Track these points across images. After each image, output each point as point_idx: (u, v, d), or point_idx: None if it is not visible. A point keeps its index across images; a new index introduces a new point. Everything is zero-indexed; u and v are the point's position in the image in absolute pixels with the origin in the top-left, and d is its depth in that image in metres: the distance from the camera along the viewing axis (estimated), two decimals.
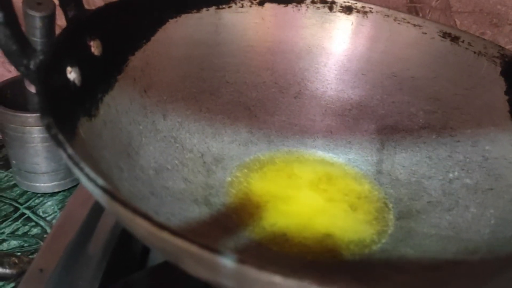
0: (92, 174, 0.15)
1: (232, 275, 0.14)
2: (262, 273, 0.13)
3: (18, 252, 0.36)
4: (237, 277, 0.14)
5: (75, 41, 0.23)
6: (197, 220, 0.24)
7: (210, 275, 0.15)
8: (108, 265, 0.25)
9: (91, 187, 0.16)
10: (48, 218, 0.39)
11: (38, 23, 0.31)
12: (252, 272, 0.13)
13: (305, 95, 0.34)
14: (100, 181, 0.15)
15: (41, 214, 0.39)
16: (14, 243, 0.37)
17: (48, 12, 0.31)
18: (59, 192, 0.42)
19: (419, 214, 0.27)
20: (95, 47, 0.25)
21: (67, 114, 0.20)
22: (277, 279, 0.13)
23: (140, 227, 0.15)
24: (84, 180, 0.16)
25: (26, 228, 0.38)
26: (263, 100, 0.33)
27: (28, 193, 0.41)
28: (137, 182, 0.23)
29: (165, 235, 0.14)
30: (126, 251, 0.27)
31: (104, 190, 0.15)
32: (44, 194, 0.41)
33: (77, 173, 0.16)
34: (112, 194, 0.15)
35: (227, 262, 0.13)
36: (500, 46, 0.30)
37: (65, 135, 0.17)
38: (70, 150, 0.16)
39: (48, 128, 0.17)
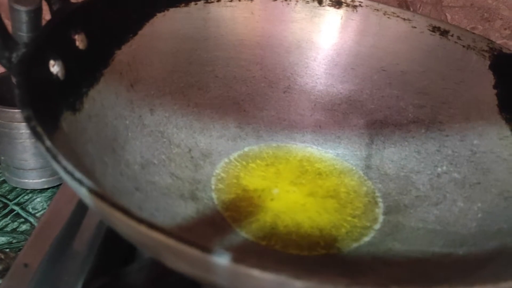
0: (70, 167, 0.15)
1: (210, 269, 0.14)
2: (239, 266, 0.13)
3: (6, 248, 0.35)
4: (217, 271, 0.14)
5: (59, 34, 0.23)
6: (183, 216, 0.24)
7: (191, 269, 0.15)
8: (94, 261, 0.25)
9: (70, 180, 0.15)
10: (37, 215, 0.39)
11: (24, 17, 0.31)
12: (230, 265, 0.13)
13: (294, 89, 0.34)
14: (78, 174, 0.15)
15: (30, 210, 0.39)
16: (2, 239, 0.36)
17: (34, 6, 0.31)
18: (49, 188, 0.41)
19: (407, 208, 0.27)
20: (80, 41, 0.25)
21: (49, 107, 0.20)
22: (255, 272, 0.13)
23: (118, 220, 0.15)
24: (62, 174, 0.16)
25: (15, 224, 0.38)
26: (252, 95, 0.33)
27: (17, 189, 0.41)
28: (121, 177, 0.23)
29: (143, 229, 0.14)
30: (113, 246, 0.27)
31: (82, 183, 0.15)
32: (33, 191, 0.41)
33: (56, 166, 0.16)
34: (90, 187, 0.15)
35: (204, 255, 0.13)
36: (489, 40, 0.30)
37: (45, 128, 0.17)
38: (48, 143, 0.16)
39: (27, 120, 0.17)
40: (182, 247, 0.13)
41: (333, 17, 0.33)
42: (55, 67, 0.22)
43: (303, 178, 0.30)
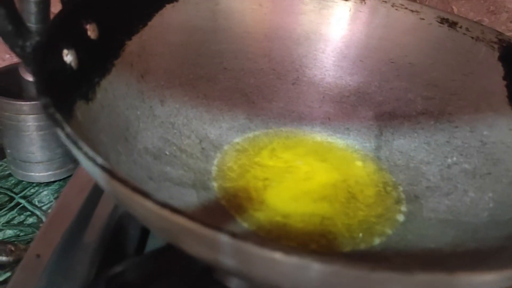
0: (91, 153, 0.15)
1: (232, 253, 0.14)
2: (263, 250, 0.13)
3: (14, 241, 0.35)
4: (237, 254, 0.14)
5: (71, 23, 0.23)
6: (196, 204, 0.24)
7: (210, 253, 0.15)
8: (105, 251, 0.25)
9: (90, 166, 0.15)
10: (43, 208, 0.39)
11: (33, 8, 0.31)
12: (253, 249, 0.13)
13: (303, 81, 0.34)
14: (99, 159, 0.15)
15: (36, 203, 0.39)
16: (9, 232, 0.36)
17: None
18: (55, 181, 0.41)
19: (418, 199, 0.27)
20: (91, 31, 0.24)
21: (64, 96, 0.20)
22: (278, 255, 0.13)
23: (139, 206, 0.15)
24: (82, 159, 0.16)
25: (22, 217, 0.38)
26: (260, 87, 0.33)
27: (23, 182, 0.41)
28: (135, 166, 0.23)
29: (166, 213, 0.14)
30: (123, 237, 0.27)
31: (103, 168, 0.15)
32: (39, 184, 0.41)
33: (75, 152, 0.16)
34: (111, 172, 0.15)
35: (227, 239, 0.13)
36: (497, 31, 0.30)
37: (62, 115, 0.17)
38: (68, 129, 0.16)
39: (45, 108, 0.17)
40: (204, 231, 0.13)
41: (341, 9, 0.33)
42: (68, 56, 0.22)
43: (313, 169, 0.30)
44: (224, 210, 0.25)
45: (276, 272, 0.15)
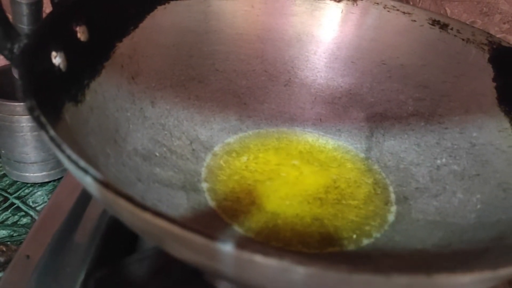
0: (74, 156, 0.15)
1: (212, 255, 0.14)
2: (242, 252, 0.13)
3: (7, 241, 0.36)
4: (218, 257, 0.14)
5: (61, 26, 0.23)
6: (185, 207, 0.24)
7: (193, 256, 0.15)
8: (96, 252, 0.25)
9: (74, 169, 0.16)
10: (38, 208, 0.39)
11: (25, 10, 0.31)
12: (232, 251, 0.13)
13: (295, 83, 0.34)
14: (82, 163, 0.15)
15: (30, 204, 0.39)
16: (3, 232, 0.36)
17: None
18: (49, 182, 0.41)
19: (407, 200, 0.28)
20: (81, 33, 0.25)
21: (52, 98, 0.20)
22: (258, 258, 0.13)
23: (122, 208, 0.15)
24: (66, 162, 0.16)
25: (16, 217, 0.38)
26: (252, 88, 0.33)
27: (18, 183, 0.41)
28: (124, 168, 0.23)
29: (147, 216, 0.14)
30: (114, 238, 0.27)
31: (86, 171, 0.15)
32: (34, 184, 0.41)
33: (59, 155, 0.16)
34: (94, 176, 0.15)
35: (208, 242, 0.13)
36: (488, 33, 0.30)
37: (48, 118, 0.17)
38: (52, 132, 0.16)
39: (30, 110, 0.17)
40: (185, 234, 0.14)
41: (333, 10, 0.34)
42: (57, 59, 0.22)
43: (303, 170, 0.30)
44: (214, 212, 0.26)
45: (258, 274, 0.15)
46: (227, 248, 0.13)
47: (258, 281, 0.15)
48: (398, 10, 0.33)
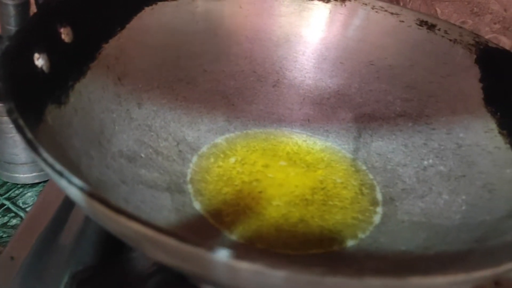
0: (50, 159, 0.15)
1: (189, 259, 0.14)
2: (213, 255, 0.13)
3: None
4: (191, 260, 0.14)
5: (44, 27, 0.23)
6: (169, 208, 0.24)
7: (170, 259, 0.15)
8: (81, 254, 0.25)
9: (50, 172, 0.16)
10: (28, 209, 0.39)
11: (12, 11, 0.31)
12: (203, 254, 0.13)
13: (283, 84, 0.34)
14: (58, 165, 0.15)
15: (20, 205, 0.39)
16: None
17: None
18: (40, 183, 0.41)
19: (393, 201, 0.28)
20: (65, 34, 0.25)
21: (33, 100, 0.20)
22: (233, 262, 0.13)
23: (99, 212, 0.15)
24: (43, 165, 0.16)
25: (6, 218, 0.38)
26: (241, 89, 0.33)
27: (8, 184, 0.41)
28: (107, 170, 0.23)
29: (122, 219, 0.14)
30: (100, 239, 0.27)
31: (62, 174, 0.15)
32: (24, 185, 0.41)
33: (37, 159, 0.16)
34: (69, 179, 0.15)
35: (180, 245, 0.13)
36: (475, 34, 0.30)
37: (28, 120, 0.17)
38: (29, 135, 0.16)
39: (9, 112, 0.17)
40: (159, 237, 0.14)
41: (321, 11, 0.34)
42: (40, 60, 0.22)
43: (290, 171, 0.30)
44: (198, 214, 0.25)
45: (235, 278, 0.15)
46: (198, 251, 0.13)
47: (237, 284, 0.15)
48: (386, 10, 0.33)
